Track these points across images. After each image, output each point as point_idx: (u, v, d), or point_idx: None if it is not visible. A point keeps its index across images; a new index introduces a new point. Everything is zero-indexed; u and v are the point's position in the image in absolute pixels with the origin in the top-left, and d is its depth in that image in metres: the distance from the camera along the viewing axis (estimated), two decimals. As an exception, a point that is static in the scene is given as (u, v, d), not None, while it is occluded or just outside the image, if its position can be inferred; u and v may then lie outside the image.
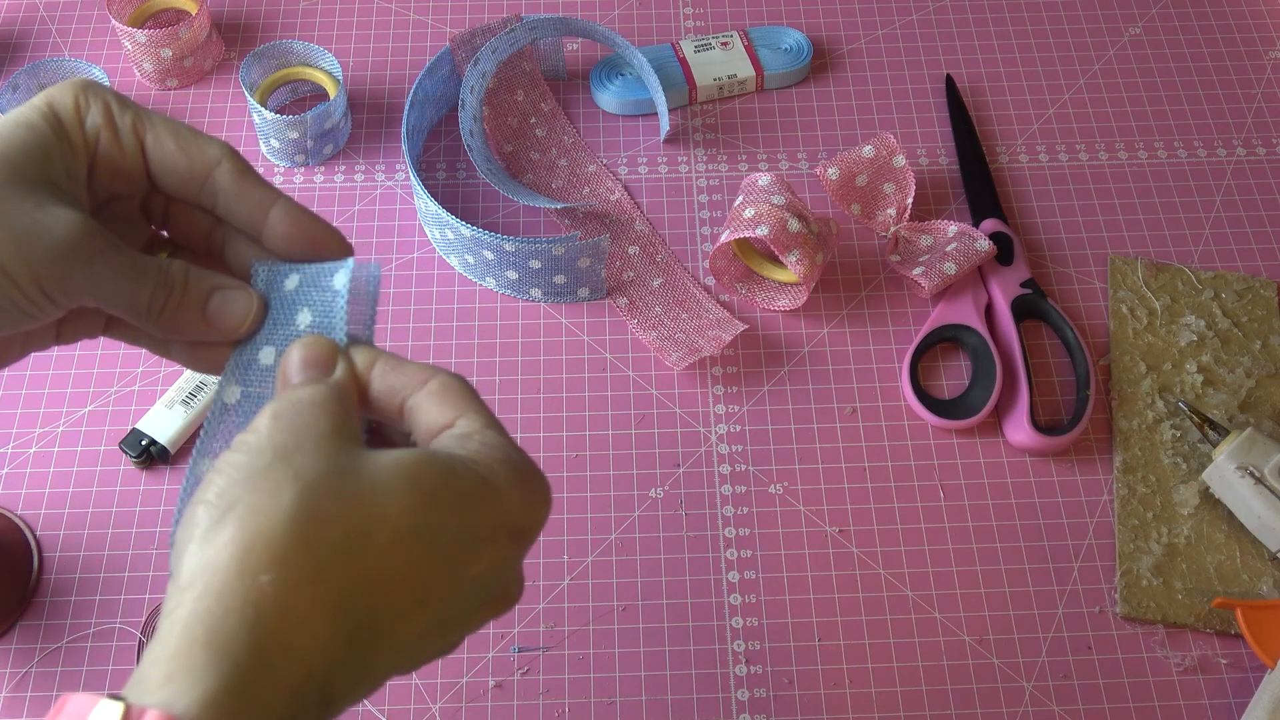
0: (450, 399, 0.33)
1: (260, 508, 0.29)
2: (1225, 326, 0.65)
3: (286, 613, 0.28)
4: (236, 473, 0.30)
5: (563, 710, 0.56)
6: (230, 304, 0.36)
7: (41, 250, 0.32)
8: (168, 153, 0.35)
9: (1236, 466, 0.58)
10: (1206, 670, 0.57)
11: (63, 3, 0.79)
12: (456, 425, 0.33)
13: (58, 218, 0.32)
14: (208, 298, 0.36)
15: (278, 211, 0.36)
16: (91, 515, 0.60)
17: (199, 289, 0.36)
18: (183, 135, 0.35)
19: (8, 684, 0.56)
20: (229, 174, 0.35)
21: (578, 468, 0.62)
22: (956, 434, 0.63)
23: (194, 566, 0.28)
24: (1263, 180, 0.72)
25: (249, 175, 0.36)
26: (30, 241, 0.32)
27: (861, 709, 0.56)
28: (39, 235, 0.32)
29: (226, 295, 0.36)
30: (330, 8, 0.79)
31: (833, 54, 0.77)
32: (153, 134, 0.35)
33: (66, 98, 0.34)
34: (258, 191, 0.36)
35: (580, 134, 0.73)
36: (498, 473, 0.31)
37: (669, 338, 0.65)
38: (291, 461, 0.30)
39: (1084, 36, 0.78)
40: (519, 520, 0.32)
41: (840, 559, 0.59)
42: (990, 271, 0.67)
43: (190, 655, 0.27)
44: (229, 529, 0.28)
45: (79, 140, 0.34)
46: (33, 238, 0.32)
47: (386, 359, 0.34)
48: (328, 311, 0.35)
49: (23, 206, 0.32)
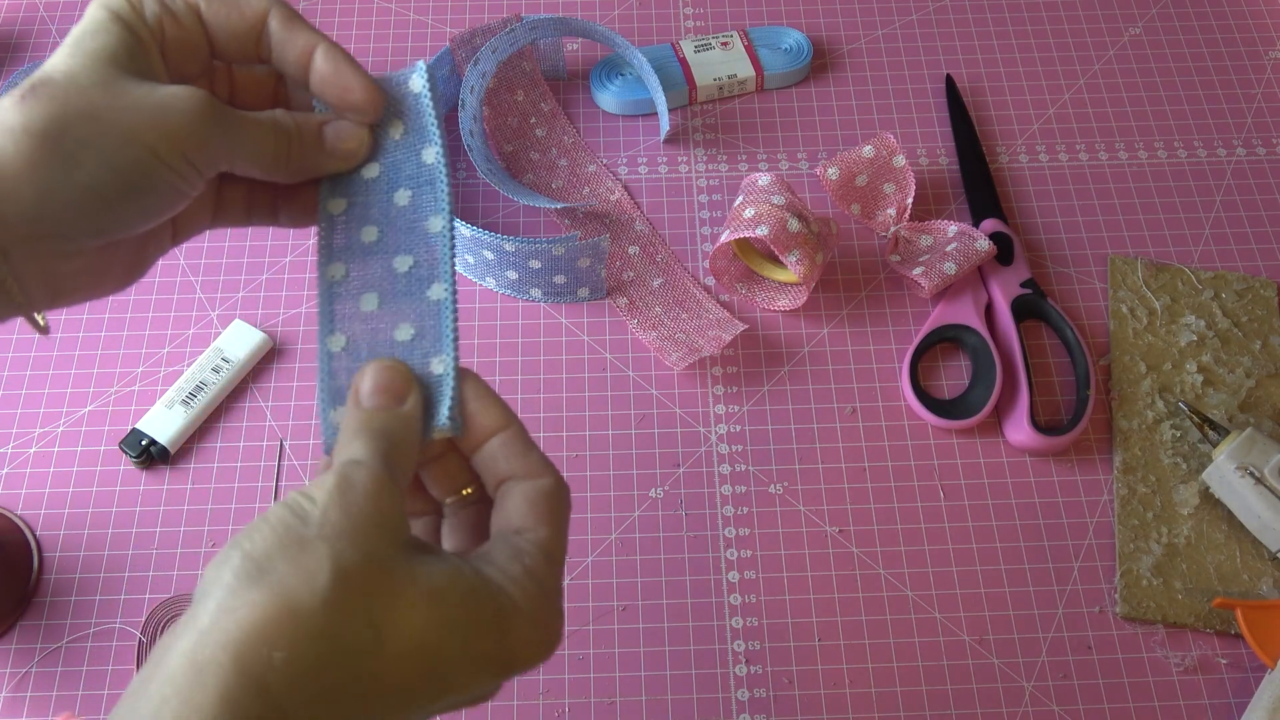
0: (541, 507, 0.34)
1: (294, 584, 0.29)
2: (1225, 326, 0.65)
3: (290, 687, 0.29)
4: (282, 536, 0.30)
5: (563, 710, 0.56)
6: (342, 129, 0.38)
7: (178, 124, 0.34)
8: (221, 15, 0.37)
9: (1236, 466, 0.58)
10: (1206, 670, 0.57)
11: (63, 3, 0.79)
12: (521, 535, 0.34)
13: (177, 94, 0.34)
14: (319, 130, 0.38)
15: (320, 53, 0.37)
16: (91, 515, 0.60)
17: (310, 125, 0.38)
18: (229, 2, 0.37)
19: (8, 684, 0.56)
20: (277, 19, 0.37)
21: (578, 468, 0.62)
22: (956, 434, 0.63)
23: (214, 614, 0.29)
24: (1263, 180, 0.72)
25: (295, 19, 0.37)
26: (165, 120, 0.33)
27: (861, 709, 0.56)
28: (170, 112, 0.34)
29: (335, 126, 0.38)
30: (330, 8, 0.79)
31: (833, 54, 0.77)
32: (205, 3, 0.37)
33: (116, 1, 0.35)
34: (304, 35, 0.37)
35: (580, 134, 0.73)
36: (519, 606, 0.32)
37: (669, 338, 0.65)
38: (335, 545, 0.30)
39: (1084, 36, 0.78)
40: (518, 655, 0.32)
41: (840, 559, 0.59)
42: (990, 271, 0.67)
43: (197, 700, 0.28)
44: (259, 594, 0.29)
45: (145, 33, 0.35)
46: (166, 116, 0.33)
47: (517, 431, 0.35)
48: (416, 116, 0.38)
49: (142, 90, 0.34)
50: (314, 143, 0.38)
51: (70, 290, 0.36)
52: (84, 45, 0.34)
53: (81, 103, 0.33)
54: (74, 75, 0.33)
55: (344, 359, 0.36)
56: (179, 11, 0.36)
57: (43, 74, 0.33)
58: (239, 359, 0.63)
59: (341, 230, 0.38)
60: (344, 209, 0.38)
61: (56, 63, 0.34)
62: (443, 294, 0.36)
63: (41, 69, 0.34)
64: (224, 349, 0.63)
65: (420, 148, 0.38)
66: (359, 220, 0.38)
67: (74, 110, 0.33)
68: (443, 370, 0.36)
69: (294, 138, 0.37)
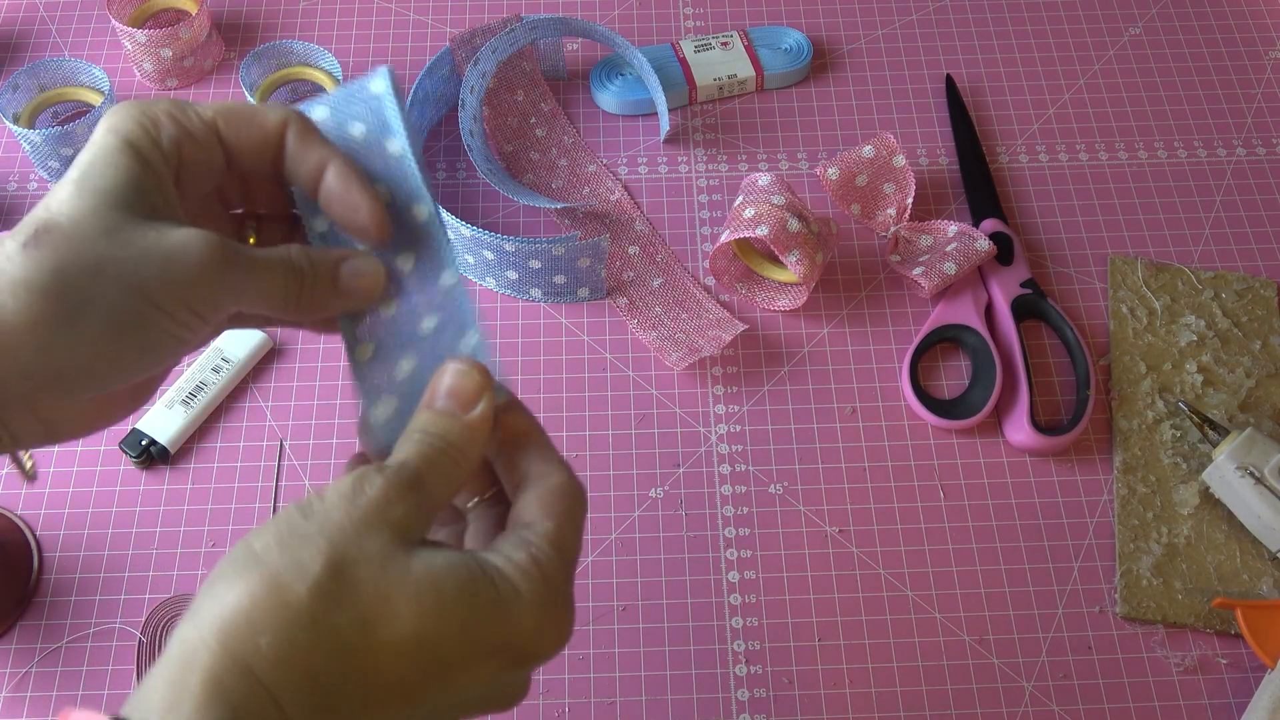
0: (555, 502, 0.34)
1: (284, 572, 0.29)
2: (1225, 326, 0.65)
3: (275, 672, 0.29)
4: (285, 530, 0.30)
5: (563, 710, 0.56)
6: (359, 272, 0.36)
7: (183, 275, 0.32)
8: (240, 131, 0.36)
9: (1236, 466, 0.58)
10: (1206, 670, 0.57)
11: (63, 3, 0.79)
12: (530, 528, 0.33)
13: (184, 240, 0.33)
14: (335, 271, 0.36)
15: (331, 170, 0.36)
16: (91, 515, 0.60)
17: (324, 266, 0.36)
18: (246, 111, 0.36)
19: (8, 684, 0.56)
20: (293, 133, 0.36)
21: (578, 468, 0.62)
22: (956, 434, 0.63)
23: (207, 600, 0.30)
24: (1263, 180, 0.72)
25: (311, 134, 0.36)
26: (170, 270, 0.32)
27: (861, 709, 0.56)
28: (175, 262, 0.32)
29: (353, 264, 0.36)
30: (330, 8, 0.79)
31: (833, 54, 0.77)
32: (223, 121, 0.35)
33: (128, 124, 0.34)
34: (317, 150, 0.36)
35: (580, 134, 0.73)
36: (522, 593, 0.32)
37: (669, 338, 0.65)
38: (334, 540, 0.30)
39: (1084, 36, 0.78)
40: (525, 645, 0.32)
41: (840, 559, 0.59)
42: (990, 271, 0.67)
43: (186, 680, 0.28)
44: (249, 580, 0.29)
45: (159, 161, 0.34)
46: (171, 266, 0.32)
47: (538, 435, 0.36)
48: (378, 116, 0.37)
49: (148, 239, 0.32)
50: (327, 283, 0.36)
51: (67, 431, 0.34)
52: (91, 183, 0.33)
53: (86, 254, 0.32)
54: (79, 222, 0.32)
55: (376, 365, 0.37)
56: (197, 131, 0.35)
57: (48, 217, 0.32)
58: (239, 359, 0.63)
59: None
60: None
61: (63, 202, 0.33)
62: (452, 279, 0.37)
63: (47, 207, 0.33)
64: (224, 349, 0.63)
65: (384, 140, 0.38)
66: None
67: (77, 263, 0.32)
68: (476, 341, 0.36)
69: (306, 278, 0.36)
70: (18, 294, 0.31)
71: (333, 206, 0.36)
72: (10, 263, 0.31)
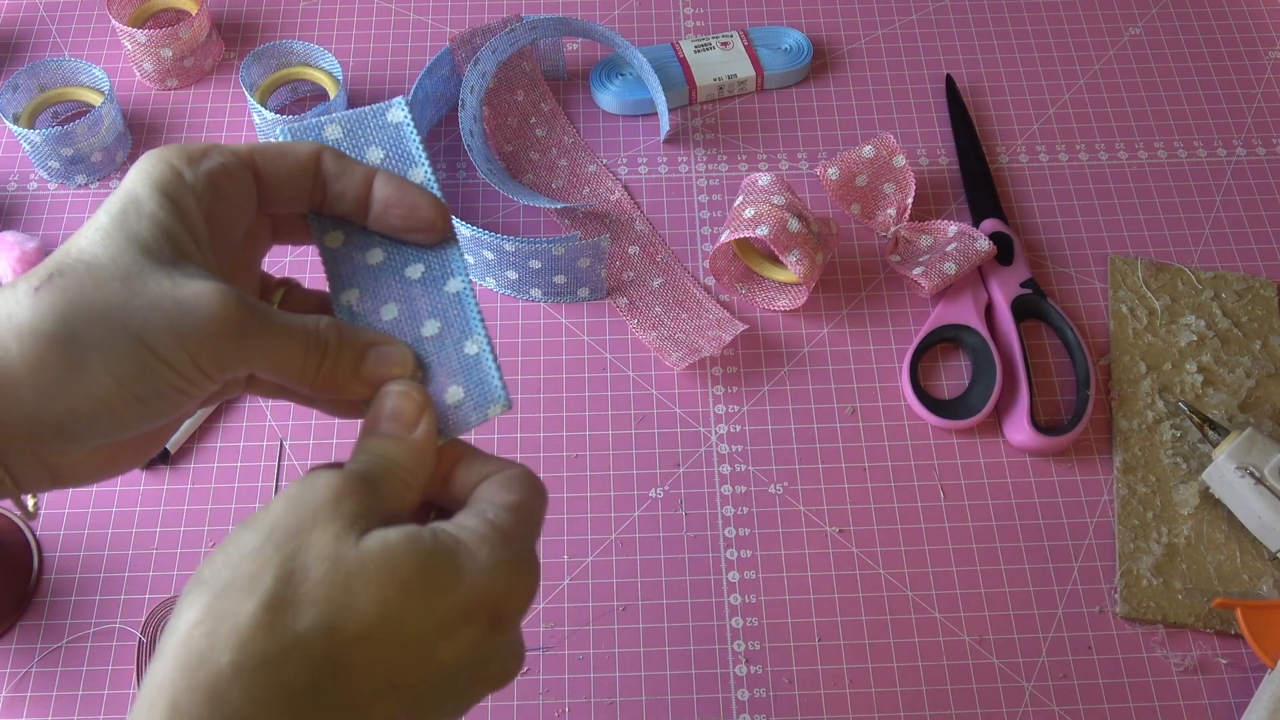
0: (512, 484, 0.34)
1: (237, 589, 0.29)
2: (1225, 326, 0.65)
3: (246, 694, 0.28)
4: (235, 547, 0.30)
5: (563, 710, 0.56)
6: (386, 361, 0.35)
7: (193, 330, 0.31)
8: (275, 162, 0.35)
9: (1236, 466, 0.58)
10: (1206, 670, 0.57)
11: (63, 3, 0.79)
12: (491, 501, 0.33)
13: (200, 293, 0.31)
14: (362, 356, 0.35)
15: (380, 181, 0.36)
16: (91, 515, 0.60)
17: (353, 348, 0.35)
18: (276, 146, 0.35)
19: (8, 684, 0.56)
20: (330, 157, 0.36)
21: (578, 468, 0.62)
22: (956, 434, 0.63)
23: (169, 640, 0.29)
24: (1263, 180, 0.72)
25: (346, 157, 0.36)
26: (180, 323, 0.31)
27: (861, 709, 0.56)
28: (187, 316, 0.31)
29: (381, 352, 0.35)
30: (330, 8, 0.79)
31: (833, 54, 0.77)
32: (258, 154, 0.35)
33: (159, 168, 0.33)
34: (359, 167, 0.36)
35: (580, 134, 0.73)
36: (478, 554, 0.31)
37: (669, 338, 0.65)
38: (282, 547, 0.30)
39: (1084, 36, 0.78)
40: (493, 603, 0.31)
41: (840, 559, 0.59)
42: (990, 271, 0.67)
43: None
44: (207, 603, 0.29)
45: (192, 206, 0.33)
46: (182, 319, 0.31)
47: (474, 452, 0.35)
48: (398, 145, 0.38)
49: (163, 287, 0.31)
50: (351, 365, 0.35)
51: (71, 477, 0.33)
52: (115, 225, 0.32)
53: (96, 300, 0.31)
54: (96, 268, 0.31)
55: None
56: (231, 164, 0.34)
57: (66, 258, 0.31)
58: (239, 359, 0.63)
59: (345, 260, 0.37)
60: (341, 241, 0.38)
61: (84, 246, 0.32)
62: (460, 286, 0.37)
63: (67, 250, 0.32)
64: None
65: (407, 170, 0.38)
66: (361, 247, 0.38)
67: (86, 309, 0.31)
68: (477, 350, 0.36)
69: (330, 355, 0.34)
70: (22, 339, 0.30)
71: (392, 213, 0.36)
72: (19, 305, 0.31)
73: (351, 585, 0.29)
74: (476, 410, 0.36)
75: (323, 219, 0.38)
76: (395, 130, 0.38)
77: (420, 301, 0.37)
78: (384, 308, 0.37)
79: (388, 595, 0.29)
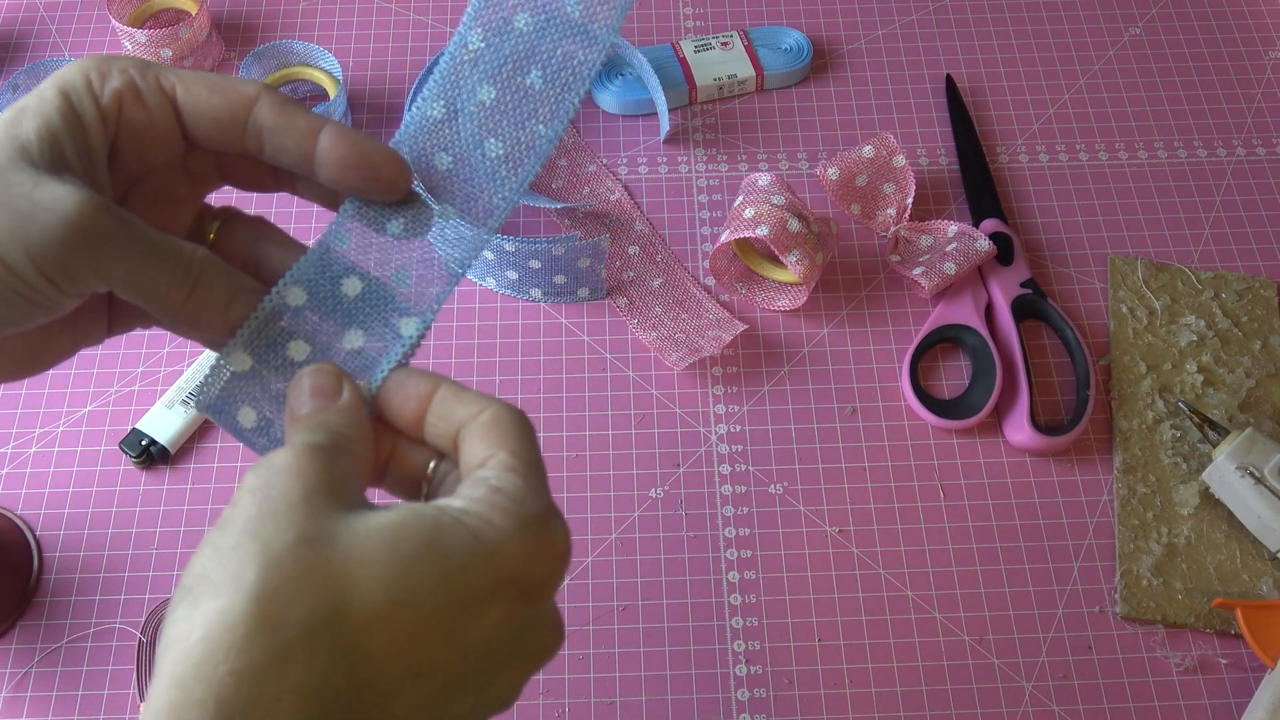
0: (493, 434, 0.31)
1: (223, 590, 0.27)
2: (1225, 326, 0.65)
3: (251, 704, 0.26)
4: (211, 550, 0.28)
5: (563, 710, 0.56)
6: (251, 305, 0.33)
7: (39, 232, 0.29)
8: (201, 100, 0.32)
9: (1236, 466, 0.58)
10: (1206, 670, 0.57)
11: (63, 3, 0.79)
12: (483, 465, 0.31)
13: (57, 195, 0.29)
14: (231, 299, 0.33)
15: (327, 135, 0.33)
16: (91, 515, 0.60)
17: (222, 287, 0.33)
18: (214, 80, 0.33)
19: (8, 684, 0.56)
20: (269, 106, 0.33)
21: (578, 468, 0.62)
22: (956, 434, 0.63)
23: (162, 657, 0.27)
24: (1263, 180, 0.72)
25: (291, 104, 0.33)
26: (26, 227, 0.29)
27: (861, 709, 0.56)
28: (35, 217, 0.29)
29: (251, 300, 0.34)
30: (330, 8, 0.79)
31: (833, 54, 0.77)
32: (183, 86, 0.32)
33: (74, 75, 0.32)
34: (303, 118, 0.33)
35: (580, 134, 0.73)
36: (496, 525, 0.29)
37: (669, 338, 0.65)
38: (259, 536, 0.28)
39: (1084, 36, 0.78)
40: (523, 575, 0.29)
41: (840, 559, 0.59)
42: (990, 271, 0.67)
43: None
44: (193, 612, 0.27)
45: (93, 115, 0.31)
46: (29, 220, 0.29)
47: (449, 386, 0.32)
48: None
49: (20, 188, 0.29)
50: (217, 307, 0.32)
51: None
52: (5, 127, 0.31)
53: None
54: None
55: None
56: (146, 92, 0.32)
57: None
58: (239, 359, 0.63)
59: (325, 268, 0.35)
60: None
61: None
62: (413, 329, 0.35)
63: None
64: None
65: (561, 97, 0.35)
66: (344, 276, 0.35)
67: None
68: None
69: (200, 289, 0.32)
70: None
71: (347, 174, 0.33)
72: None
73: (350, 566, 0.27)
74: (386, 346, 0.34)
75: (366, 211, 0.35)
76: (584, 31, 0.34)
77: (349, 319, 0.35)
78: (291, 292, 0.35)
79: (391, 572, 0.27)
